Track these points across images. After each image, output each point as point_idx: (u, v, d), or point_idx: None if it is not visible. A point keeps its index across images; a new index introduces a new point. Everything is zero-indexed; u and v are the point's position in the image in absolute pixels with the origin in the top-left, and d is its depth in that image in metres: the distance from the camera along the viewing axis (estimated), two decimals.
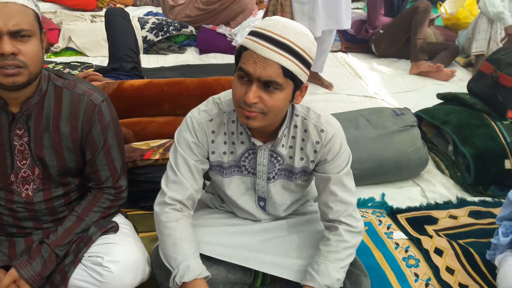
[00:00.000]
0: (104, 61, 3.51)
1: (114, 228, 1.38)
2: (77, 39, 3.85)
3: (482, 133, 2.36)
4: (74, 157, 1.34)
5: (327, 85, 3.49)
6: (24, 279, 1.28)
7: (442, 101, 2.83)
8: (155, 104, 2.16)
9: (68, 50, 3.86)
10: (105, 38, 2.92)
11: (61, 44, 3.84)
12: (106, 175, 1.39)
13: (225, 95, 1.36)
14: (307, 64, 1.16)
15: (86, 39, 3.86)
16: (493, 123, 2.41)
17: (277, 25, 1.14)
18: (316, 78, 3.45)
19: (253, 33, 1.15)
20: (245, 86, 1.16)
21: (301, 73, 1.16)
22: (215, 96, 1.37)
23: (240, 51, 1.17)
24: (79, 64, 3.51)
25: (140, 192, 1.93)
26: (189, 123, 1.33)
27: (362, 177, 2.19)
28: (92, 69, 2.92)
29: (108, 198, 1.41)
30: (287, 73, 1.13)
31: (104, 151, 1.37)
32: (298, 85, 1.18)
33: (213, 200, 1.57)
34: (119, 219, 1.45)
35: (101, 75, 2.47)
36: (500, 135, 2.34)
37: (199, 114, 1.34)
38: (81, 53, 3.83)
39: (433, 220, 2.07)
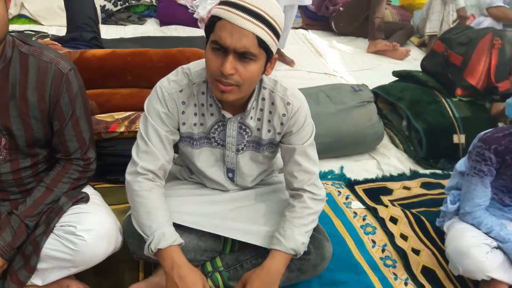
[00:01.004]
0: (60, 31, 3.37)
1: (85, 199, 1.37)
2: (30, 6, 3.66)
3: (433, 109, 2.50)
4: (42, 127, 1.31)
5: (288, 62, 3.53)
6: None
7: (397, 78, 2.96)
8: (118, 75, 2.11)
9: (20, 17, 3.67)
10: (60, 6, 2.81)
11: (12, 11, 3.64)
12: (75, 146, 1.37)
13: (195, 66, 1.35)
14: (277, 35, 1.20)
15: (40, 6, 3.68)
16: (443, 100, 2.56)
17: None
18: (278, 55, 3.47)
19: (226, 3, 1.15)
20: (220, 58, 1.16)
21: (273, 44, 1.19)
22: (184, 66, 1.35)
23: (213, 21, 1.16)
24: (33, 33, 3.34)
25: (105, 165, 1.91)
26: (159, 93, 1.32)
27: (322, 150, 2.24)
28: (49, 39, 2.81)
29: (77, 170, 1.40)
30: (261, 44, 1.15)
31: (72, 122, 1.34)
32: (269, 56, 1.21)
33: (182, 172, 1.59)
34: (88, 190, 1.44)
35: (60, 45, 2.39)
36: (450, 111, 2.49)
37: (169, 84, 1.32)
38: (35, 21, 3.66)
39: (388, 191, 2.20)
